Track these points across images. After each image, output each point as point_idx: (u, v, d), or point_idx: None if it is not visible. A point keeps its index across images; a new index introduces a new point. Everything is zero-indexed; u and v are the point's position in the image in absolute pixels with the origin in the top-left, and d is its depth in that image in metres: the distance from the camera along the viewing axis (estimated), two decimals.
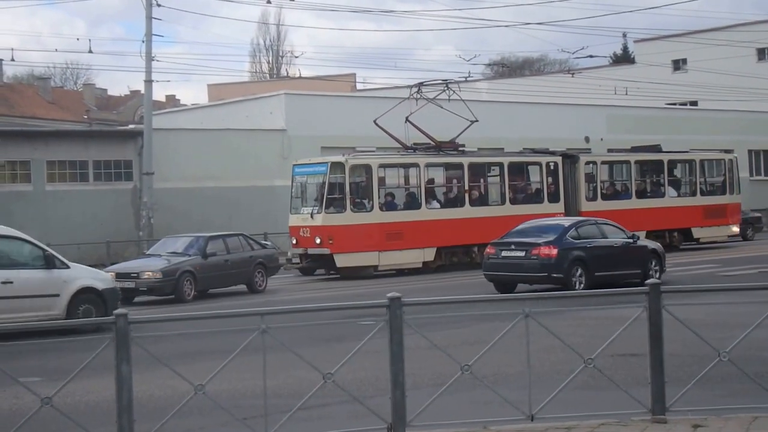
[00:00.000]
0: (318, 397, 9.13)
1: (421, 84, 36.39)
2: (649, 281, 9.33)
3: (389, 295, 8.53)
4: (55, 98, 79.90)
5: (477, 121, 35.67)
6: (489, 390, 9.87)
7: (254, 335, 8.27)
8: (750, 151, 60.89)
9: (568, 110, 53.87)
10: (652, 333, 9.01)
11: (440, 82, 37.01)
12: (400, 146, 35.12)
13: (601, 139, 50.25)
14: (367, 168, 32.50)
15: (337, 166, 31.86)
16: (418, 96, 35.59)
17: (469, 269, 31.51)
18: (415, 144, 35.05)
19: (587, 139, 51.92)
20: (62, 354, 14.99)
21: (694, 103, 67.62)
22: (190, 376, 8.51)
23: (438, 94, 35.85)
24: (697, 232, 39.87)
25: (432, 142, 35.27)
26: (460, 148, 35.86)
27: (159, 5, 39.50)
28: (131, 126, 50.37)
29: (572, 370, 9.29)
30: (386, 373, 8.62)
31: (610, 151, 42.68)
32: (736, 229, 41.77)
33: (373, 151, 36.04)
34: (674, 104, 66.04)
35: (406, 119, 34.37)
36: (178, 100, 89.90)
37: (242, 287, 28.46)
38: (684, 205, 39.75)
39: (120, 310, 8.00)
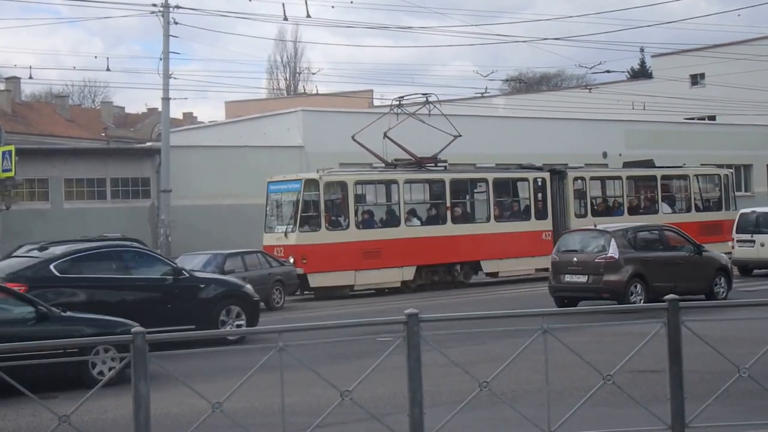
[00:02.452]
0: (336, 415, 9.10)
1: (401, 98, 36.04)
2: (667, 296, 9.27)
3: (407, 311, 8.50)
4: (72, 116, 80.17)
5: (460, 135, 35.10)
6: (507, 407, 9.82)
7: (272, 353, 8.25)
8: None
9: (586, 125, 53.61)
10: (671, 349, 8.94)
11: (420, 95, 36.71)
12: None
13: (620, 155, 49.86)
14: (343, 185, 31.96)
15: (311, 184, 31.32)
16: (399, 111, 35.27)
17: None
18: (396, 160, 34.73)
19: (605, 155, 51.67)
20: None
21: (712, 118, 67.33)
22: (208, 393, 8.48)
23: (418, 109, 35.52)
24: None
25: (413, 158, 34.91)
26: (441, 164, 35.41)
27: (176, 23, 39.66)
28: (149, 144, 50.45)
29: (591, 387, 9.23)
30: (404, 390, 8.58)
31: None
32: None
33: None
34: (692, 119, 65.82)
35: (384, 135, 33.97)
36: (196, 117, 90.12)
37: (260, 304, 28.39)
38: (679, 221, 38.51)
39: (137, 329, 7.98)
